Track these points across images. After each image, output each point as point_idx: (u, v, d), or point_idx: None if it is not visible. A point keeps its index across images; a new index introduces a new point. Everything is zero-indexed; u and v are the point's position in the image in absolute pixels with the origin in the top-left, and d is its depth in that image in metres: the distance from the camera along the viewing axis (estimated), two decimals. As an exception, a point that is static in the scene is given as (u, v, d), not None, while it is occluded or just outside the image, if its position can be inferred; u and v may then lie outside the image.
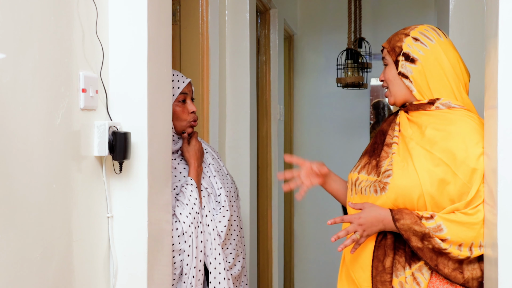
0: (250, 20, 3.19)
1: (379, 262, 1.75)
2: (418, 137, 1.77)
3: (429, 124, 1.77)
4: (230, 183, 2.22)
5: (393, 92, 1.85)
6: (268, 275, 4.13)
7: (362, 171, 1.87)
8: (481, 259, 1.69)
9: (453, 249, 1.66)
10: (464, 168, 1.66)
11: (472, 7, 2.61)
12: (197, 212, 1.99)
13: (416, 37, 1.79)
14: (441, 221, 1.66)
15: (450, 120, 1.75)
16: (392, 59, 1.82)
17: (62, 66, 1.41)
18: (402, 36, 1.81)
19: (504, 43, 1.39)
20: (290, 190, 2.00)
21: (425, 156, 1.72)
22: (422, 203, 1.69)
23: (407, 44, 1.79)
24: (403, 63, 1.79)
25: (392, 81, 1.84)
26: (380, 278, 1.74)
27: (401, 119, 1.86)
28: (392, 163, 1.77)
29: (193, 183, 2.03)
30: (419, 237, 1.67)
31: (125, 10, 1.64)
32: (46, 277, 1.34)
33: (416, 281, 1.71)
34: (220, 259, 2.03)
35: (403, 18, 4.92)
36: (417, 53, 1.78)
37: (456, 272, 1.67)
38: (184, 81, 2.12)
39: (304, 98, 5.20)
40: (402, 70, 1.80)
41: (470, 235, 1.65)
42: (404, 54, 1.79)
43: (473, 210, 1.65)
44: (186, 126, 2.12)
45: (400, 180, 1.72)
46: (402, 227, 1.68)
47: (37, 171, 1.30)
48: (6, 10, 1.19)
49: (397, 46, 1.81)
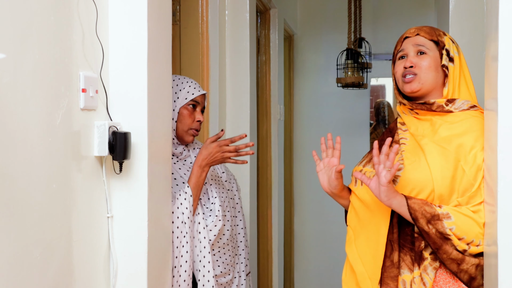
0: (250, 20, 3.19)
1: (386, 257, 1.76)
2: (430, 134, 1.79)
3: (443, 123, 1.79)
4: (226, 191, 2.20)
5: (424, 80, 1.82)
6: (268, 275, 4.13)
7: (367, 165, 1.87)
8: (479, 255, 1.69)
9: (455, 239, 1.67)
10: (471, 165, 1.69)
11: (472, 7, 2.61)
12: (183, 221, 1.96)
13: (452, 39, 1.87)
14: (449, 210, 1.68)
15: (462, 118, 1.78)
16: (437, 49, 1.85)
17: (62, 66, 1.41)
18: (440, 32, 1.87)
19: (504, 43, 1.39)
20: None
21: (438, 151, 1.74)
22: (432, 197, 1.71)
23: (448, 42, 1.85)
24: (446, 57, 1.84)
25: (428, 70, 1.83)
26: (389, 274, 1.75)
27: (407, 119, 1.87)
28: (403, 158, 1.78)
29: (188, 191, 2.00)
30: (427, 219, 1.67)
31: (125, 10, 1.64)
32: (46, 277, 1.34)
33: (423, 281, 1.72)
34: (209, 267, 2.01)
35: (403, 18, 4.93)
36: (454, 54, 1.84)
37: (455, 262, 1.68)
38: (200, 90, 2.12)
39: (304, 98, 5.20)
40: (446, 63, 1.83)
41: (474, 230, 1.66)
42: (446, 50, 1.84)
43: (475, 208, 1.67)
44: (188, 133, 2.10)
45: (412, 174, 1.73)
46: (413, 205, 1.67)
47: (37, 171, 1.30)
48: (6, 10, 1.19)
49: (440, 41, 1.85)
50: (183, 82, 2.11)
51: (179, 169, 2.10)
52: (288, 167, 4.97)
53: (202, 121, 2.12)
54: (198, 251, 2.01)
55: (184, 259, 1.95)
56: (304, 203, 5.16)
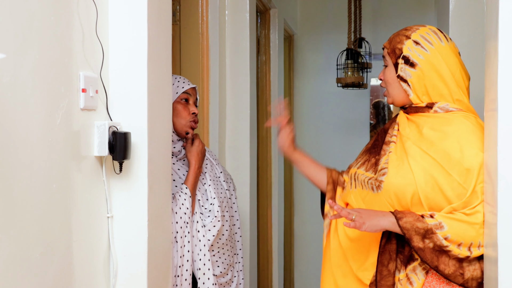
0: (250, 20, 3.19)
1: (383, 266, 1.76)
2: (415, 136, 1.78)
3: (426, 124, 1.77)
4: (224, 192, 2.22)
5: (391, 94, 1.85)
6: (268, 275, 4.13)
7: (361, 167, 1.88)
8: (481, 259, 1.69)
9: (454, 248, 1.66)
10: (458, 169, 1.67)
11: (472, 7, 2.61)
12: (185, 221, 1.99)
13: (416, 41, 1.77)
14: (441, 219, 1.66)
15: (447, 121, 1.75)
16: (392, 61, 1.81)
17: (62, 66, 1.41)
18: (403, 37, 1.80)
19: (504, 43, 1.39)
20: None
21: (421, 155, 1.72)
22: (417, 201, 1.69)
23: (408, 47, 1.78)
24: (402, 66, 1.78)
25: (390, 83, 1.84)
26: (385, 283, 1.74)
27: (400, 118, 1.86)
28: (388, 161, 1.77)
29: (187, 192, 2.02)
30: (421, 235, 1.66)
31: (125, 10, 1.64)
32: (46, 277, 1.34)
33: (410, 281, 1.72)
34: (209, 265, 2.03)
35: (403, 18, 4.92)
36: (417, 57, 1.76)
37: (457, 273, 1.68)
38: (189, 84, 2.13)
39: (304, 98, 5.20)
40: (401, 73, 1.79)
41: (470, 234, 1.65)
42: (404, 57, 1.78)
43: (471, 211, 1.65)
44: (186, 126, 2.11)
45: (395, 178, 1.73)
46: (405, 225, 1.67)
47: (37, 171, 1.30)
48: (6, 10, 1.19)
49: (397, 48, 1.80)
50: (172, 79, 2.13)
51: (178, 169, 2.10)
52: (288, 167, 4.97)
53: (197, 113, 2.13)
54: (198, 250, 2.02)
55: (185, 259, 1.97)
56: (304, 203, 5.16)
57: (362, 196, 1.82)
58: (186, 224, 1.98)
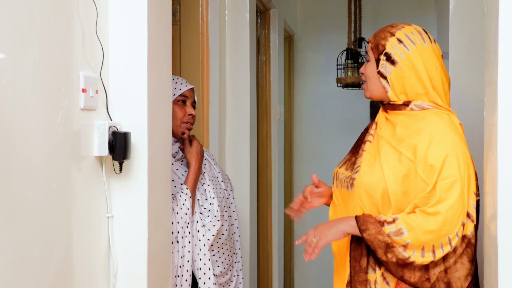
0: (250, 20, 3.19)
1: (356, 262, 1.78)
2: (389, 135, 1.79)
3: (400, 123, 1.79)
4: (222, 192, 2.22)
5: (370, 89, 1.86)
6: (268, 275, 4.13)
7: (342, 166, 1.91)
8: (446, 259, 1.69)
9: (417, 257, 1.65)
10: (422, 164, 1.67)
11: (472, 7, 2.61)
12: (186, 222, 1.99)
13: (400, 39, 1.78)
14: (402, 224, 1.66)
15: (419, 118, 1.76)
16: (374, 56, 1.83)
17: (62, 66, 1.41)
18: (387, 34, 1.80)
19: (504, 43, 1.39)
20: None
21: (392, 153, 1.74)
22: (386, 199, 1.71)
23: (391, 44, 1.78)
24: (383, 62, 1.79)
25: (370, 78, 1.85)
26: (358, 278, 1.76)
27: (379, 118, 1.88)
28: (361, 160, 1.79)
29: (188, 192, 2.02)
30: (383, 249, 1.67)
31: (125, 10, 1.64)
32: (46, 277, 1.34)
33: (386, 281, 1.73)
34: (209, 264, 2.03)
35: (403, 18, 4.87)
36: (399, 55, 1.77)
37: (423, 279, 1.69)
38: (187, 85, 2.13)
39: (304, 98, 5.20)
40: (382, 70, 1.80)
41: (431, 237, 1.64)
42: (386, 54, 1.79)
43: (431, 209, 1.64)
44: (182, 127, 2.11)
45: (365, 176, 1.75)
46: (368, 237, 1.69)
47: (37, 171, 1.30)
48: (6, 10, 1.19)
49: (381, 44, 1.80)
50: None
51: (177, 169, 2.10)
52: (288, 167, 4.97)
53: (194, 114, 2.13)
54: (198, 250, 2.02)
55: (186, 259, 1.97)
56: (304, 203, 5.15)
57: (341, 194, 1.86)
58: (187, 224, 1.99)
